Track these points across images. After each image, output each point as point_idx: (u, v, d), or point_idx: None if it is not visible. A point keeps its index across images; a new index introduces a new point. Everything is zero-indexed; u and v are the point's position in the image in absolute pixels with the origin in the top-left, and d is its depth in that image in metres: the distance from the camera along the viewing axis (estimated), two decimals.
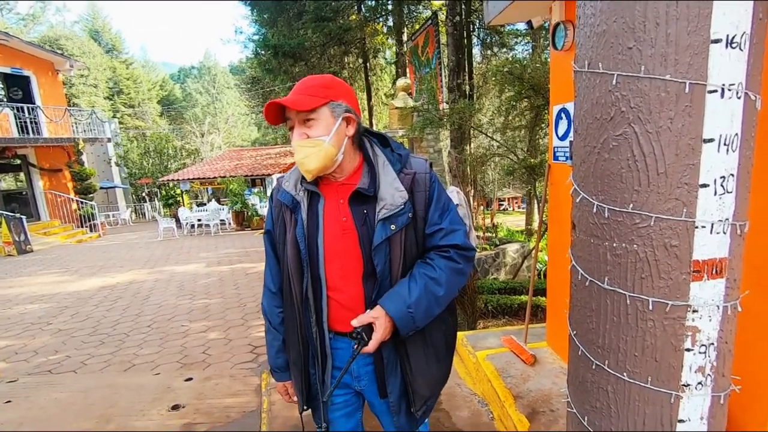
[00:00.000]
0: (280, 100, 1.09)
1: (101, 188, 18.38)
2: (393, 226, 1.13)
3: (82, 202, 13.80)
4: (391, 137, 1.27)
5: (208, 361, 3.72)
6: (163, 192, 18.49)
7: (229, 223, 14.77)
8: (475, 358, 2.84)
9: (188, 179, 17.23)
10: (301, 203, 1.19)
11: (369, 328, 1.12)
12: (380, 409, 1.32)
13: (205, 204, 16.51)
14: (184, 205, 16.54)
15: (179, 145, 25.60)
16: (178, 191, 17.59)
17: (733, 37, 0.63)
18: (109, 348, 4.16)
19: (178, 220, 14.38)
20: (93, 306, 5.69)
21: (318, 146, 1.11)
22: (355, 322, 1.11)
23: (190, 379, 3.32)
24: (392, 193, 1.14)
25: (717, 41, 0.63)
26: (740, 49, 0.64)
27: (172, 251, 10.15)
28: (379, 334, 1.11)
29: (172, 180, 17.70)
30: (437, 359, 1.27)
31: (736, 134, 0.67)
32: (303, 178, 1.20)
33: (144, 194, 23.38)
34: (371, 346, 1.10)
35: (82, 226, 13.87)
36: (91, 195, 14.21)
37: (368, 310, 1.14)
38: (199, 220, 13.67)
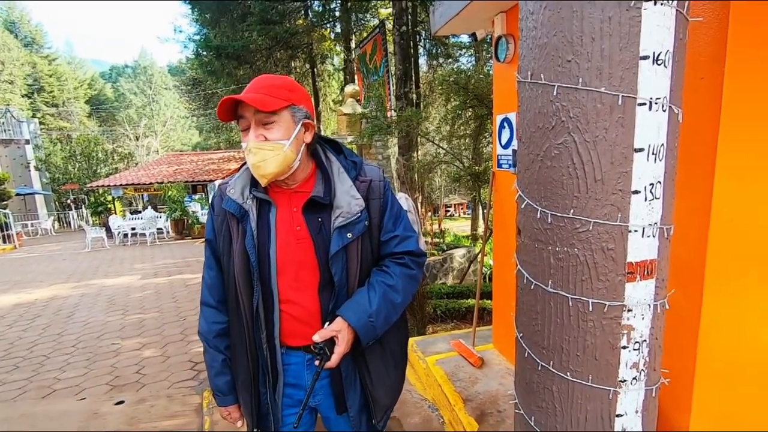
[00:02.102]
0: (241, 97, 1.02)
1: (17, 195, 16.60)
2: (349, 234, 1.11)
3: None
4: (343, 144, 1.25)
5: (142, 381, 3.45)
6: (92, 199, 17.03)
7: (168, 232, 13.91)
8: (425, 364, 2.86)
9: (121, 185, 16.03)
10: (250, 212, 1.12)
11: (331, 342, 1.08)
12: (336, 425, 1.27)
13: (140, 212, 15.45)
14: (115, 213, 15.35)
15: (110, 149, 23.75)
16: (109, 198, 16.32)
17: (659, 55, 0.68)
18: (24, 373, 3.73)
19: (108, 229, 13.32)
20: (5, 326, 5.09)
21: (277, 150, 1.05)
22: (316, 337, 1.06)
23: (121, 402, 3.05)
24: (348, 200, 1.12)
25: (645, 58, 0.68)
26: (665, 66, 0.69)
27: (102, 263, 9.37)
28: (342, 347, 1.07)
29: (102, 186, 16.38)
30: (395, 366, 1.27)
31: (662, 144, 0.72)
32: (252, 185, 1.14)
33: (69, 201, 21.38)
34: (334, 360, 1.07)
35: None
36: (5, 202, 12.84)
37: (327, 323, 1.10)
38: (133, 228, 12.76)
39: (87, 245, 11.84)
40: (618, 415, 0.83)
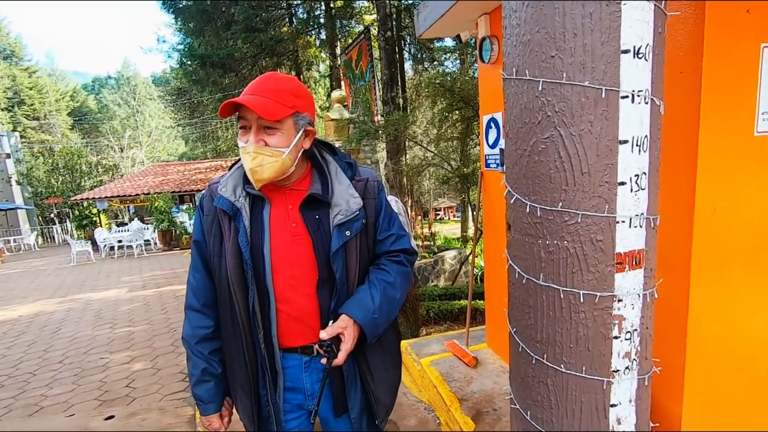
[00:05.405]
0: (244, 101, 0.99)
1: None
2: (348, 232, 1.12)
3: None
4: (338, 147, 1.27)
5: (132, 394, 3.38)
6: (76, 212, 16.70)
7: (155, 244, 13.72)
8: (419, 366, 2.86)
9: (106, 197, 15.78)
10: (243, 210, 1.11)
11: (336, 340, 1.08)
12: (336, 427, 1.26)
13: (126, 224, 15.22)
14: (101, 226, 15.09)
15: (95, 161, 23.32)
16: (95, 211, 16.03)
17: (639, 48, 0.70)
18: (9, 391, 3.63)
19: (94, 243, 13.08)
20: None
21: (276, 157, 1.05)
22: (323, 335, 1.06)
23: (112, 417, 2.99)
24: (347, 199, 1.13)
25: (626, 51, 0.69)
26: (645, 59, 0.71)
27: (88, 277, 9.19)
28: (348, 344, 1.08)
29: (87, 199, 16.09)
30: (393, 364, 1.28)
31: (646, 136, 0.74)
32: (244, 182, 1.13)
33: (53, 215, 20.94)
34: (341, 358, 1.07)
35: None
36: None
37: (331, 322, 1.10)
38: (120, 241, 12.56)
39: (72, 259, 11.61)
40: (612, 405, 0.84)
